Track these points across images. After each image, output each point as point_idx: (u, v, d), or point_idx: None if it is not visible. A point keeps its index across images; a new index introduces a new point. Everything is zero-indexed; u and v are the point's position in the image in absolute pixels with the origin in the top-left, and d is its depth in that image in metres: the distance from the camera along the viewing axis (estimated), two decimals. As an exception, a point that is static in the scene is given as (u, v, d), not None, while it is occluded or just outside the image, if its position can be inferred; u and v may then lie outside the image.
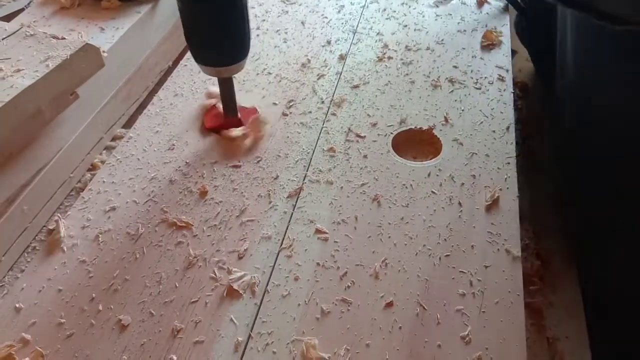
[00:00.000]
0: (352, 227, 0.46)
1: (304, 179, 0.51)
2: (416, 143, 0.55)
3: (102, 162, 0.57)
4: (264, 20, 0.73)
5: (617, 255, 0.58)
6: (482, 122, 0.56)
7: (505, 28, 0.70)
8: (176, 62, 0.70)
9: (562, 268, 0.58)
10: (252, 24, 0.72)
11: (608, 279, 0.58)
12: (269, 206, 0.48)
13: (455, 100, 0.59)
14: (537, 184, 0.67)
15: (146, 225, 0.46)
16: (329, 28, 0.71)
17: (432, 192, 0.49)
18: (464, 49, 0.67)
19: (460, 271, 0.42)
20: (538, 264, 0.56)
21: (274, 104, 0.60)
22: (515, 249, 0.44)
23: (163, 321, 0.40)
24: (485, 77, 0.62)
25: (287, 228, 0.46)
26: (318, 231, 0.46)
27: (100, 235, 0.46)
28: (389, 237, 0.45)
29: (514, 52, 0.88)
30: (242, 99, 0.59)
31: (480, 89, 0.60)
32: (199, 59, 0.50)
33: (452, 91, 0.60)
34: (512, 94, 0.60)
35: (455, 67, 0.64)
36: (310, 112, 0.58)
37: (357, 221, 0.47)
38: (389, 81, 0.62)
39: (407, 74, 0.63)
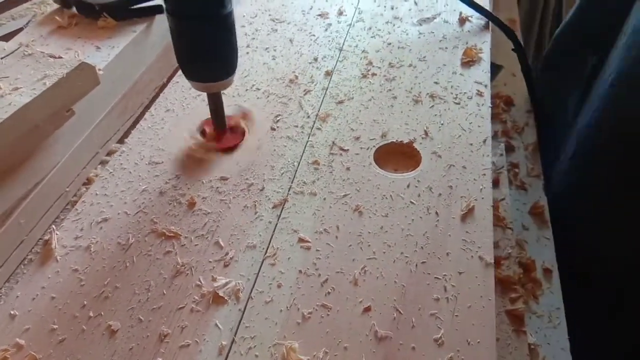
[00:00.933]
0: (333, 236, 0.48)
1: (288, 191, 0.53)
2: (397, 156, 0.58)
3: (97, 176, 0.59)
4: (253, 38, 0.76)
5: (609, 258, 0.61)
6: (460, 136, 0.58)
7: (485, 45, 0.73)
8: (170, 79, 0.73)
9: (543, 276, 0.60)
10: (243, 42, 0.75)
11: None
12: (254, 216, 0.50)
13: (435, 115, 0.61)
14: (520, 194, 0.70)
15: (136, 236, 0.48)
16: (316, 46, 0.74)
17: (411, 202, 0.51)
18: (444, 65, 0.69)
19: (436, 277, 0.44)
20: (520, 272, 0.58)
21: (262, 118, 0.62)
22: (488, 256, 0.46)
23: (151, 326, 0.42)
24: (465, 93, 0.64)
25: (271, 237, 0.48)
26: (301, 240, 0.48)
27: (92, 245, 0.48)
28: (369, 245, 0.47)
29: (500, 67, 0.90)
30: (232, 114, 0.61)
31: (459, 103, 0.63)
32: (188, 75, 0.52)
33: (432, 106, 0.63)
34: (489, 109, 0.62)
35: (436, 82, 0.66)
36: (296, 126, 0.61)
37: (338, 230, 0.49)
38: (372, 97, 0.64)
39: (390, 90, 0.65)
